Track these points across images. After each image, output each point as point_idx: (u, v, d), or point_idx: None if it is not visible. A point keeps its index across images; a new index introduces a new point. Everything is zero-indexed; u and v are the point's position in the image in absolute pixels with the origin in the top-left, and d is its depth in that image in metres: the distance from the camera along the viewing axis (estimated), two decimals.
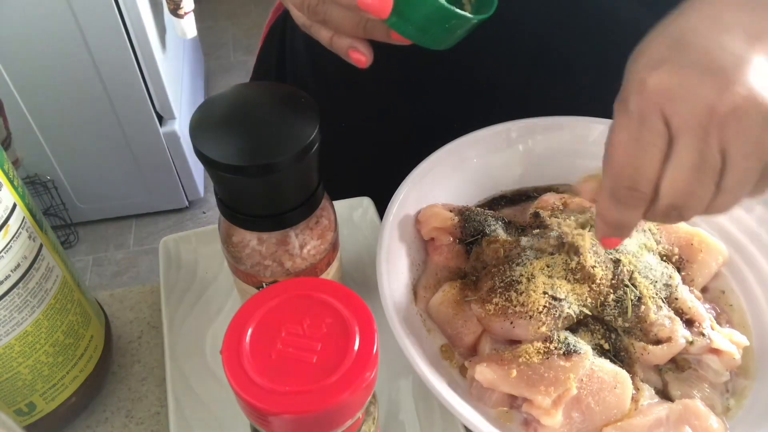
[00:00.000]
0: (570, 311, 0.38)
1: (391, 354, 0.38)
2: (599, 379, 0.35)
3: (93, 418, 0.42)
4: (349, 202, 0.51)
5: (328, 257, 0.37)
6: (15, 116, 1.39)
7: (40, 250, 0.34)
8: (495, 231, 0.43)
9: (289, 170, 0.30)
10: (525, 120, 0.48)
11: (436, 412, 0.39)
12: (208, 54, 2.29)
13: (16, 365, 0.35)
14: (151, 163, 1.61)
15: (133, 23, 1.33)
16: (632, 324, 0.38)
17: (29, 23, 1.28)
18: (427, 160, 0.45)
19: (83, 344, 0.39)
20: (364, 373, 0.23)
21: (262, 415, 0.22)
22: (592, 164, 0.49)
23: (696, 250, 0.42)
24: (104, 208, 1.71)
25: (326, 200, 0.36)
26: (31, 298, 0.34)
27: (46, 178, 1.56)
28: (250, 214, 0.33)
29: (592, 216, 0.43)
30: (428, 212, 0.44)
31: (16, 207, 0.32)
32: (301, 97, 0.33)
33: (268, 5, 2.86)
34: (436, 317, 0.41)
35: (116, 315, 0.48)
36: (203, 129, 0.31)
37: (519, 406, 0.36)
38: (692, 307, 0.38)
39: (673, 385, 0.38)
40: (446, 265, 0.43)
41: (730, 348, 0.37)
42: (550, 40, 0.48)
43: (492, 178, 0.49)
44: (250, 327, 0.24)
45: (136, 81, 1.42)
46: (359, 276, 0.47)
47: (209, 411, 0.39)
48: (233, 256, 0.36)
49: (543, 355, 0.36)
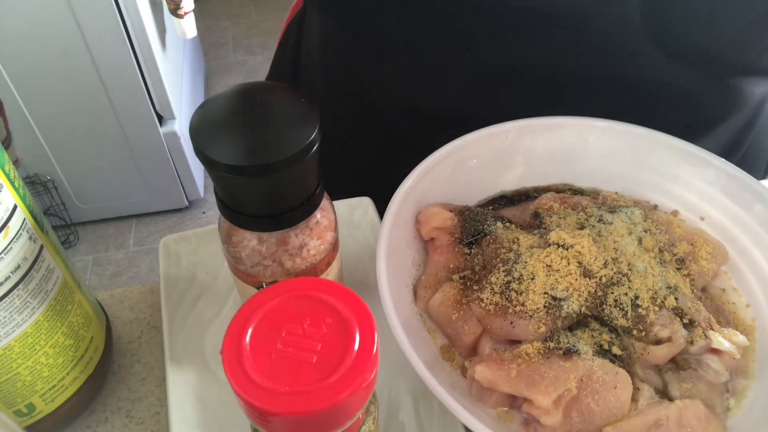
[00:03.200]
0: (570, 311, 0.38)
1: (391, 354, 0.38)
2: (599, 379, 0.35)
3: (93, 419, 0.42)
4: (349, 202, 0.51)
5: (328, 257, 0.37)
6: (15, 116, 1.39)
7: (40, 252, 0.34)
8: (495, 231, 0.43)
9: (289, 170, 0.30)
10: (525, 120, 0.48)
11: (436, 412, 0.39)
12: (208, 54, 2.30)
13: (16, 366, 0.35)
14: (151, 163, 1.61)
15: (133, 23, 1.33)
16: (632, 324, 0.38)
17: (29, 23, 1.28)
18: (427, 160, 0.45)
19: (84, 345, 0.39)
20: (364, 373, 0.23)
21: (262, 415, 0.22)
22: (592, 164, 0.50)
23: (696, 249, 0.42)
24: (104, 208, 1.72)
25: (326, 200, 0.36)
26: (31, 299, 0.34)
27: (46, 178, 1.56)
28: (250, 214, 0.33)
29: (591, 216, 0.43)
30: (428, 212, 0.45)
31: (16, 208, 0.32)
32: (301, 96, 0.33)
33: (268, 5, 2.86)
34: (436, 317, 0.41)
35: (116, 315, 0.48)
36: (203, 129, 0.31)
37: (519, 406, 0.36)
38: (692, 307, 0.38)
39: (673, 385, 0.38)
40: (446, 265, 0.43)
41: (730, 348, 0.37)
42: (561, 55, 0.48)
43: (492, 178, 0.49)
44: (250, 327, 0.24)
45: (136, 81, 1.42)
46: (359, 276, 0.47)
47: (209, 411, 0.39)
48: (233, 256, 0.36)
49: (543, 355, 0.36)
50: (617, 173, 0.49)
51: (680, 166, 0.47)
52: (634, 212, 0.43)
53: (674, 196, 0.48)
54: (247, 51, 2.33)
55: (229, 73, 2.24)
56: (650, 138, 0.48)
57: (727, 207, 0.45)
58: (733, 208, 0.45)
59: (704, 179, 0.46)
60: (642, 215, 0.44)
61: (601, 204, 0.45)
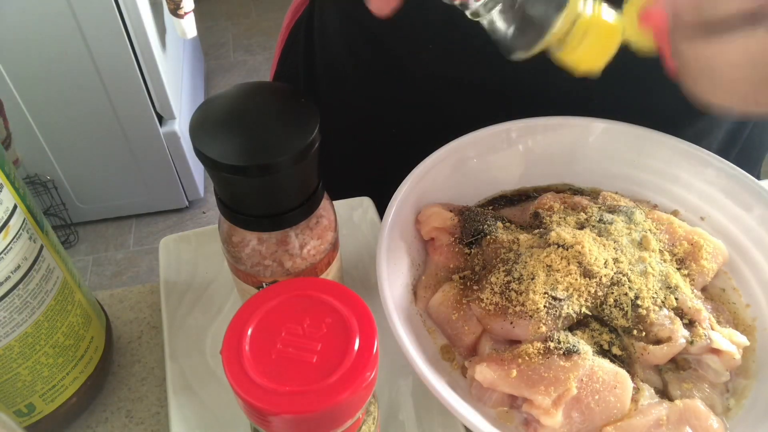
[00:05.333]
0: (570, 311, 0.38)
1: (391, 354, 0.38)
2: (599, 379, 0.35)
3: (93, 419, 0.42)
4: (349, 202, 0.51)
5: (328, 257, 0.37)
6: (15, 116, 1.39)
7: (40, 252, 0.34)
8: (495, 231, 0.43)
9: (289, 170, 0.30)
10: (525, 120, 0.48)
11: (436, 412, 0.39)
12: (208, 54, 2.30)
13: (16, 366, 0.35)
14: (151, 163, 1.61)
15: (133, 23, 1.33)
16: (632, 324, 0.38)
17: (29, 23, 1.28)
18: (427, 160, 0.45)
19: (84, 345, 0.39)
20: (364, 373, 0.23)
21: (262, 415, 0.22)
22: (592, 164, 0.50)
23: (696, 249, 0.42)
24: (104, 208, 1.72)
25: (326, 200, 0.36)
26: (31, 299, 0.34)
27: (46, 178, 1.56)
28: (250, 214, 0.33)
29: (591, 216, 0.43)
30: (428, 212, 0.44)
31: (16, 208, 0.32)
32: (301, 96, 0.33)
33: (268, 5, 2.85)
34: (436, 317, 0.41)
35: (116, 315, 0.48)
36: (203, 129, 0.31)
37: (519, 406, 0.36)
38: (692, 306, 0.38)
39: (673, 385, 0.38)
40: (446, 265, 0.43)
41: (730, 348, 0.37)
42: None
43: (492, 178, 0.49)
44: (250, 327, 0.24)
45: (136, 81, 1.42)
46: (359, 276, 0.47)
47: (209, 411, 0.39)
48: (233, 256, 0.36)
49: (543, 355, 0.36)
50: (617, 173, 0.49)
51: (680, 166, 0.47)
52: (634, 212, 0.43)
53: (674, 196, 0.48)
54: (247, 51, 2.33)
55: (229, 73, 2.24)
56: (650, 138, 0.48)
57: (727, 207, 0.45)
58: (733, 208, 0.45)
59: (704, 179, 0.46)
60: (642, 215, 0.44)
61: (601, 204, 0.45)
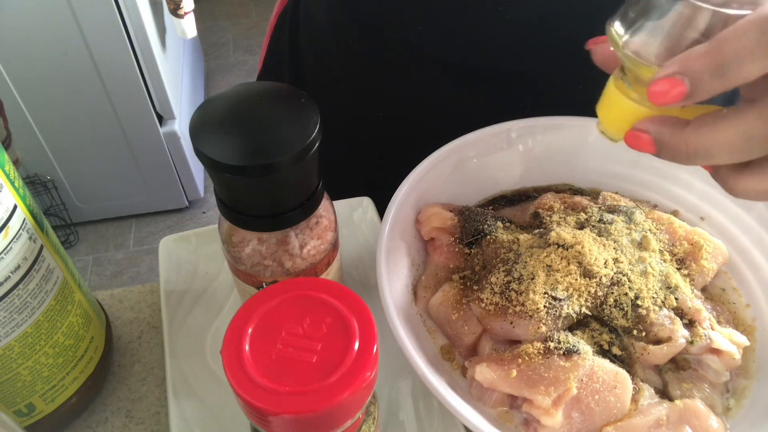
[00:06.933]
0: (570, 311, 0.38)
1: (391, 354, 0.38)
2: (599, 379, 0.35)
3: (93, 418, 0.42)
4: (349, 202, 0.51)
5: (328, 257, 0.37)
6: (15, 116, 1.39)
7: (40, 252, 0.34)
8: (495, 231, 0.43)
9: (289, 170, 0.30)
10: (525, 120, 0.48)
11: (436, 412, 0.39)
12: (208, 54, 2.30)
13: (16, 366, 0.35)
14: (151, 163, 1.61)
15: (133, 23, 1.33)
16: (632, 324, 0.38)
17: (29, 23, 1.28)
18: (427, 160, 0.45)
19: (84, 345, 0.39)
20: (364, 373, 0.23)
21: (262, 415, 0.22)
22: (592, 164, 0.50)
23: (696, 249, 0.42)
24: (104, 208, 1.72)
25: (326, 200, 0.36)
26: (31, 299, 0.34)
27: (46, 178, 1.56)
28: (250, 214, 0.33)
29: (591, 216, 0.43)
30: (428, 212, 0.45)
31: (16, 208, 0.32)
32: (301, 96, 0.33)
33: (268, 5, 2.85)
34: (436, 317, 0.41)
35: (116, 315, 0.48)
36: (203, 129, 0.31)
37: (519, 406, 0.36)
38: (692, 307, 0.38)
39: (673, 385, 0.38)
40: (446, 265, 0.43)
41: (730, 348, 0.37)
42: None
43: (492, 178, 0.49)
44: (250, 327, 0.24)
45: (136, 81, 1.42)
46: (359, 276, 0.47)
47: (209, 411, 0.39)
48: (233, 256, 0.36)
49: (543, 355, 0.36)
50: (617, 173, 0.49)
51: (680, 166, 0.47)
52: (634, 212, 0.43)
53: (674, 196, 0.48)
54: (247, 51, 2.33)
55: (229, 73, 2.24)
56: None
57: (727, 207, 0.45)
58: (733, 208, 0.45)
59: (704, 179, 0.46)
60: (642, 215, 0.44)
61: (601, 204, 0.45)
